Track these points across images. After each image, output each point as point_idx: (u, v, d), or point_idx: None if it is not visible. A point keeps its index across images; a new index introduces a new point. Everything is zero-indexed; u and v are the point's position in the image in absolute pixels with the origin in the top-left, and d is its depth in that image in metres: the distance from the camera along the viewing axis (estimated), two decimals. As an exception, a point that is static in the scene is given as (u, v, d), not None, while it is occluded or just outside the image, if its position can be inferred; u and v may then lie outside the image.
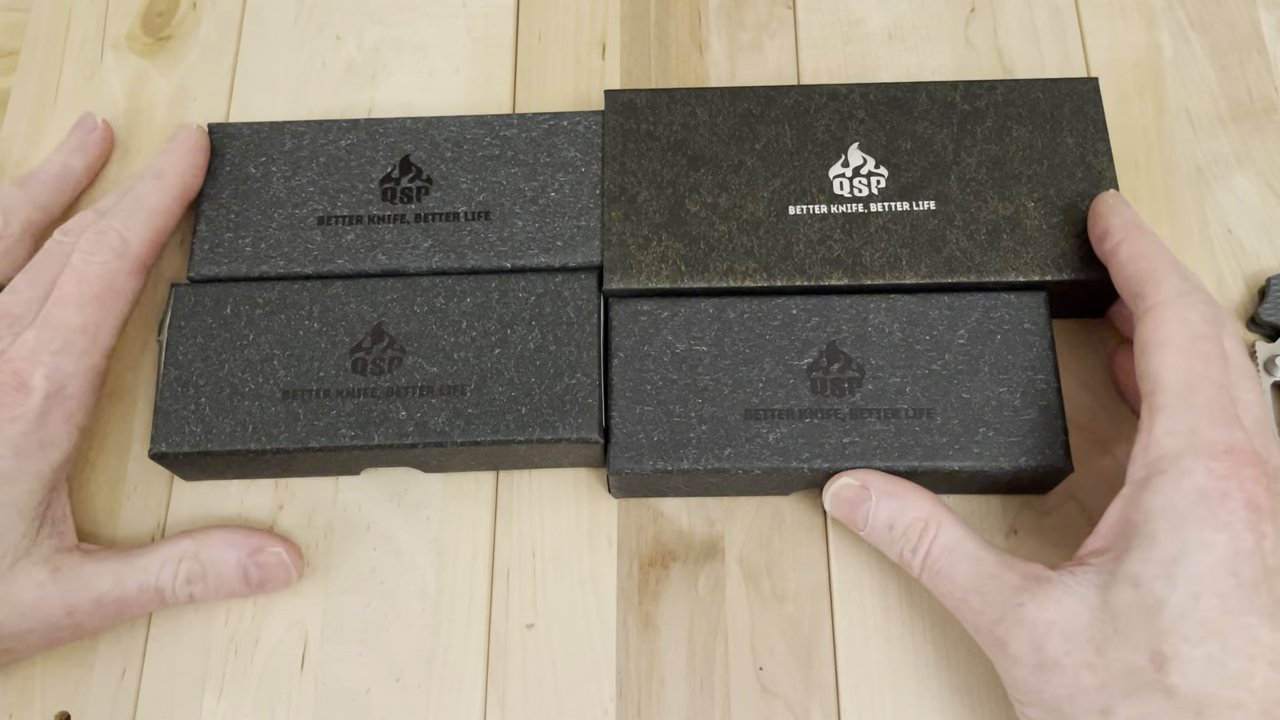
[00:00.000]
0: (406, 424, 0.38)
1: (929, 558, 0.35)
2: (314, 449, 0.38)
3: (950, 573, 0.35)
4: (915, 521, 0.36)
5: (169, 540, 0.38)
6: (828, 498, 0.38)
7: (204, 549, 0.38)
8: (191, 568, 0.37)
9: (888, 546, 0.37)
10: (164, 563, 0.37)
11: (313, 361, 0.39)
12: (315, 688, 0.39)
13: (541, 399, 0.38)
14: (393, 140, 0.43)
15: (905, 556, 0.36)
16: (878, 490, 0.37)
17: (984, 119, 0.41)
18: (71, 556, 0.37)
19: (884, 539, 0.37)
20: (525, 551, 0.41)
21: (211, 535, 0.38)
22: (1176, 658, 0.30)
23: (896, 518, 0.36)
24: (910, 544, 0.36)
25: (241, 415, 0.39)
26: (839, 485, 0.37)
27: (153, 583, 0.37)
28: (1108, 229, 0.38)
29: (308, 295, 0.41)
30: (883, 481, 0.37)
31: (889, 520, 0.36)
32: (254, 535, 0.39)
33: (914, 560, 0.36)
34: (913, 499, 0.36)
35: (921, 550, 0.36)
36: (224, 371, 0.39)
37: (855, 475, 0.37)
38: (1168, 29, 0.48)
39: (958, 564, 0.35)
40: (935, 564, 0.35)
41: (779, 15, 0.49)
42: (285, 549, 0.39)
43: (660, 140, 0.42)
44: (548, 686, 0.39)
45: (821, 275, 0.39)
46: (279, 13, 0.50)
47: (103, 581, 0.36)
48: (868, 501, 0.37)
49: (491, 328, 0.40)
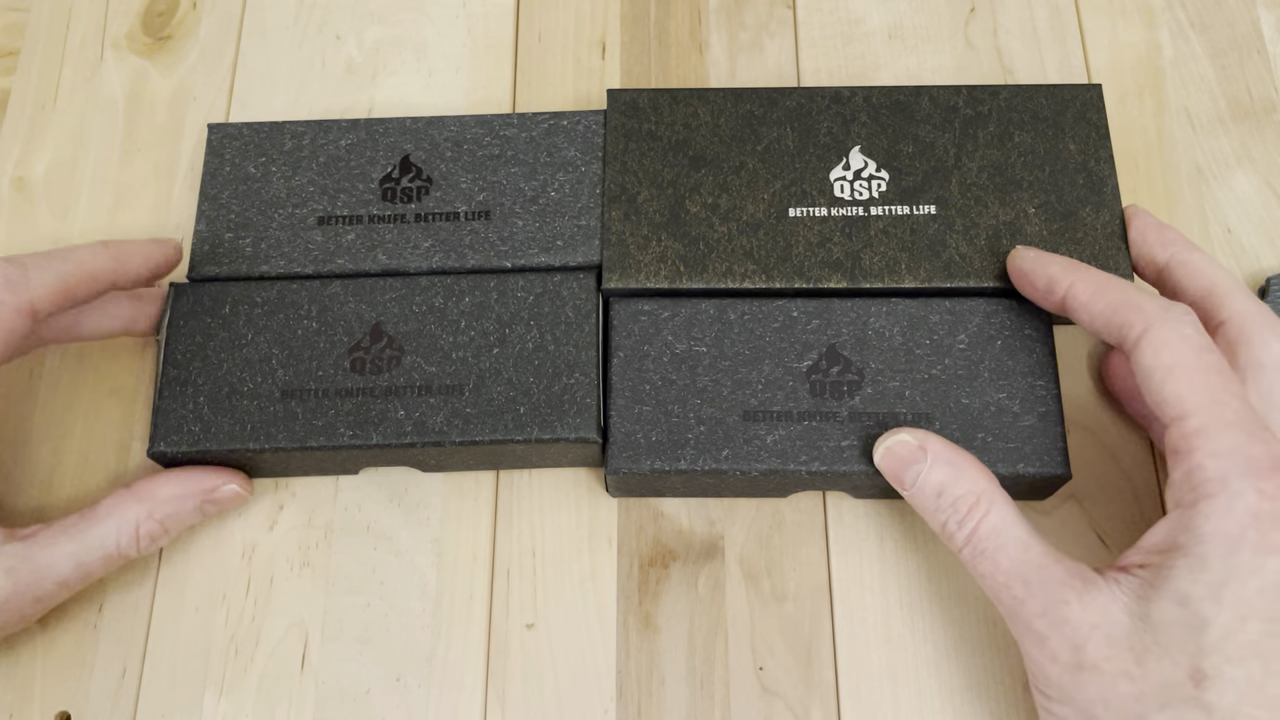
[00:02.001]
0: (405, 423, 0.38)
1: (976, 535, 0.34)
2: (312, 448, 0.38)
3: (996, 555, 0.34)
4: (968, 494, 0.35)
5: (114, 505, 0.37)
6: (880, 451, 0.37)
7: (157, 509, 0.38)
8: (151, 528, 0.38)
9: (931, 514, 0.36)
10: (119, 530, 0.37)
11: (311, 361, 0.39)
12: (315, 688, 0.39)
13: (540, 398, 0.39)
14: (393, 140, 0.43)
15: (950, 528, 0.35)
16: (934, 453, 0.35)
17: (986, 124, 0.41)
18: (18, 550, 0.36)
19: (929, 505, 0.35)
20: (525, 551, 0.41)
21: (158, 491, 0.38)
22: (1217, 676, 0.29)
23: (948, 486, 0.35)
24: (958, 516, 0.35)
25: (240, 415, 0.39)
26: (895, 440, 0.36)
27: (114, 551, 0.37)
28: (1050, 279, 0.37)
29: (306, 295, 0.41)
30: (941, 446, 0.36)
31: (939, 486, 0.35)
32: (201, 477, 0.39)
33: (958, 533, 0.35)
34: (969, 470, 0.35)
35: (969, 525, 0.34)
36: (222, 371, 0.39)
37: (913, 434, 0.36)
38: (1168, 29, 0.48)
39: (1005, 547, 0.34)
40: (981, 543, 0.34)
41: (779, 15, 0.49)
42: (238, 482, 0.39)
43: (661, 140, 0.42)
44: (548, 686, 0.39)
45: (821, 278, 0.39)
46: (279, 13, 0.49)
47: (63, 566, 0.36)
48: (921, 463, 0.35)
49: (490, 327, 0.40)
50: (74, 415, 0.43)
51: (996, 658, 0.38)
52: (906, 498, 0.36)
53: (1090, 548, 0.40)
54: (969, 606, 0.39)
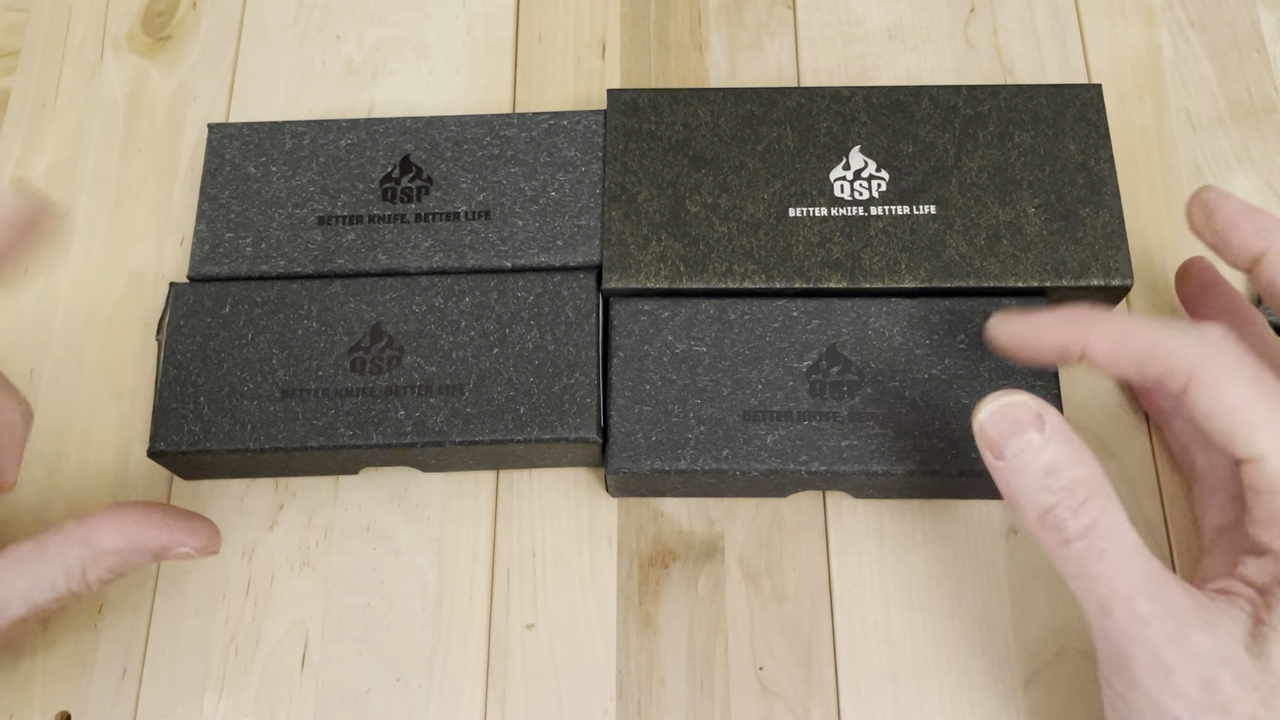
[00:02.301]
0: (405, 423, 0.38)
1: (1095, 530, 0.30)
2: (312, 448, 0.38)
3: (1116, 559, 0.29)
4: (1085, 481, 0.30)
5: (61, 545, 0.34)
6: (987, 409, 0.31)
7: (103, 559, 0.34)
8: (98, 574, 0.34)
9: (1033, 494, 0.31)
10: (69, 575, 0.34)
11: (311, 361, 0.39)
12: (315, 688, 0.39)
13: (540, 398, 0.39)
14: (393, 140, 0.43)
15: (1059, 514, 0.30)
16: (1053, 427, 0.31)
17: (986, 124, 0.41)
18: None
19: (1032, 483, 0.31)
20: (525, 551, 0.41)
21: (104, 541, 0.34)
22: None
23: (1064, 466, 0.30)
24: (1073, 503, 0.30)
25: (240, 414, 0.39)
26: (1011, 400, 0.31)
27: (64, 591, 0.34)
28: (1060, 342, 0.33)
29: (306, 295, 0.41)
30: (1060, 421, 0.31)
31: (1052, 465, 0.30)
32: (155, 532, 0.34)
33: (1071, 522, 0.30)
34: (1088, 457, 0.31)
35: (1087, 516, 0.30)
36: (223, 371, 0.39)
37: (1037, 401, 0.31)
38: (1167, 29, 0.48)
39: (1128, 553, 0.30)
40: (1101, 542, 0.30)
41: (779, 15, 0.49)
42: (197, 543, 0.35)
43: (662, 140, 0.42)
44: (548, 686, 0.39)
45: (821, 278, 0.39)
46: (279, 13, 0.49)
47: (13, 606, 0.34)
48: (1035, 432, 0.31)
49: (490, 327, 0.40)
50: (74, 415, 0.43)
51: (996, 658, 0.38)
52: (1000, 469, 0.31)
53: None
54: (969, 606, 0.39)
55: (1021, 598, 0.39)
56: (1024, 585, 0.39)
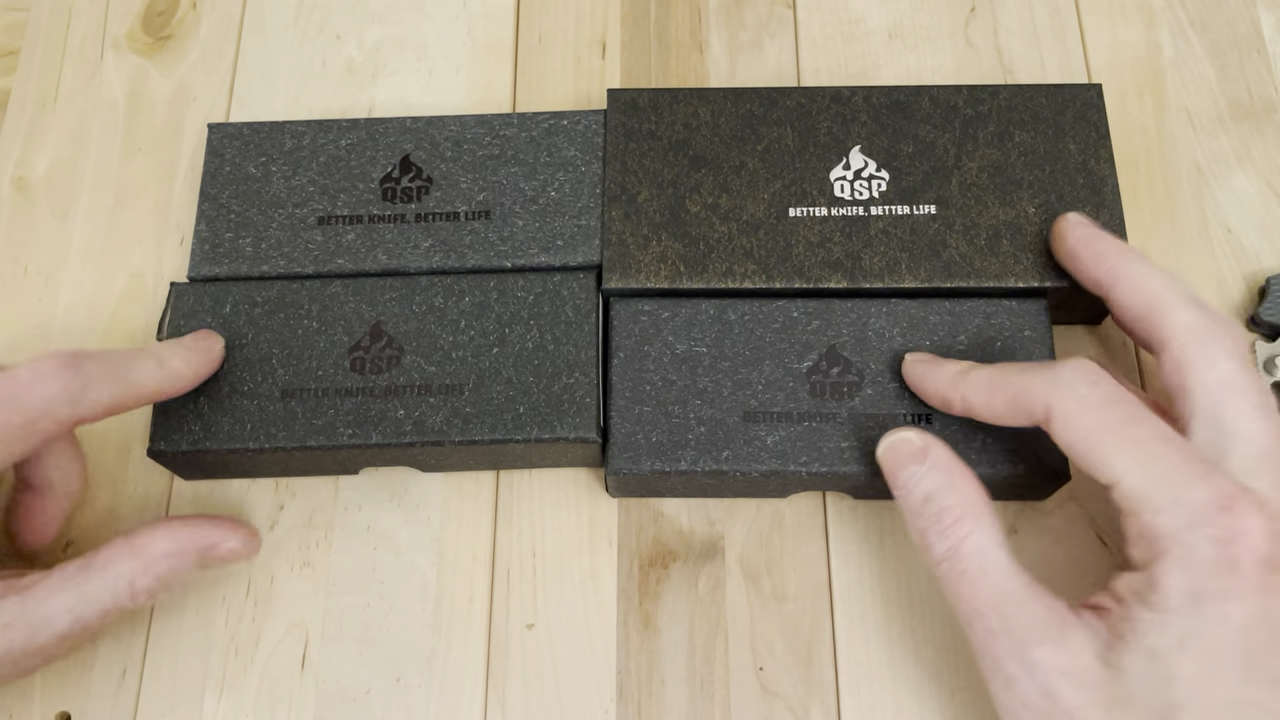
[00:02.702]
0: (404, 423, 0.38)
1: (956, 553, 0.33)
2: (312, 448, 0.38)
3: (975, 579, 0.32)
4: (955, 506, 0.33)
5: (110, 558, 0.35)
6: (883, 445, 0.36)
7: (153, 565, 0.36)
8: (147, 584, 0.35)
9: (914, 519, 0.34)
10: (116, 587, 0.35)
11: (311, 360, 0.39)
12: (315, 688, 0.39)
13: (539, 398, 0.39)
14: (393, 140, 0.43)
15: (929, 538, 0.33)
16: (935, 459, 0.34)
17: (986, 124, 0.41)
18: (14, 604, 0.34)
19: (914, 510, 0.34)
20: (525, 551, 0.41)
21: (154, 547, 0.36)
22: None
23: (937, 494, 0.34)
24: (940, 527, 0.33)
25: (240, 414, 0.39)
26: (899, 437, 0.35)
27: (111, 606, 0.35)
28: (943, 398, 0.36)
29: (306, 295, 0.41)
30: (944, 453, 0.34)
31: (928, 493, 0.34)
32: (200, 533, 0.37)
33: (938, 545, 0.33)
34: (964, 484, 0.34)
35: (950, 539, 0.33)
36: (222, 370, 0.39)
37: (921, 436, 0.35)
38: (1167, 28, 0.48)
39: (987, 573, 0.32)
40: (961, 563, 0.33)
41: (779, 15, 0.49)
42: (240, 540, 0.37)
43: (662, 140, 0.42)
44: (548, 686, 0.39)
45: (821, 278, 0.39)
46: (279, 13, 0.49)
47: (60, 620, 0.34)
48: (919, 465, 0.34)
49: (490, 327, 0.40)
50: (74, 415, 0.43)
51: (996, 658, 0.38)
52: (897, 499, 0.35)
53: (1090, 548, 0.40)
54: (969, 606, 0.39)
55: (1021, 598, 0.39)
56: (1024, 585, 0.39)
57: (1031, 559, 0.40)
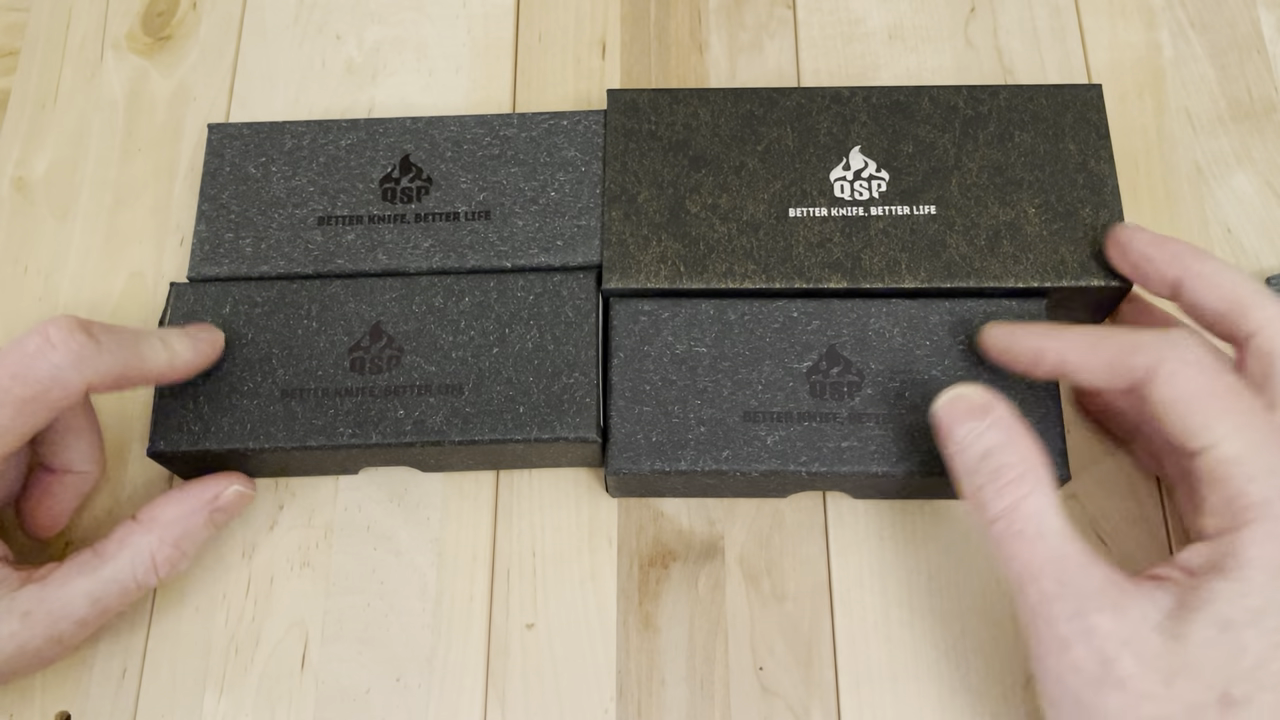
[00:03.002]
0: (404, 423, 0.38)
1: (1014, 511, 0.32)
2: (312, 448, 0.38)
3: (1033, 540, 0.32)
4: (1016, 464, 0.33)
5: (124, 537, 0.36)
6: (943, 399, 0.35)
7: (168, 532, 0.36)
8: (167, 554, 0.36)
9: (969, 475, 0.34)
10: (134, 563, 0.36)
11: (311, 360, 0.39)
12: (315, 688, 0.39)
13: (539, 398, 0.39)
14: (393, 140, 0.43)
15: (985, 495, 0.33)
16: (997, 416, 0.34)
17: (986, 124, 0.41)
18: (33, 593, 0.35)
19: (970, 466, 0.34)
20: (525, 551, 0.41)
21: (163, 515, 0.37)
22: (1247, 702, 0.29)
23: (998, 451, 0.33)
24: (998, 485, 0.33)
25: (240, 414, 0.39)
26: (960, 392, 0.35)
27: (132, 584, 0.36)
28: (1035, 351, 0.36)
29: (306, 295, 0.41)
30: (1006, 412, 0.34)
31: (987, 449, 0.33)
32: (201, 488, 0.38)
33: (994, 503, 0.33)
34: (1025, 444, 0.33)
35: (1008, 498, 0.32)
36: (222, 370, 0.39)
37: (984, 393, 0.34)
38: (1168, 29, 0.48)
39: (1045, 535, 0.32)
40: (1018, 523, 0.32)
41: (779, 15, 0.49)
42: (239, 483, 0.39)
43: (662, 140, 0.42)
44: (548, 686, 0.39)
45: (821, 278, 0.39)
46: (279, 13, 0.49)
47: (79, 606, 0.35)
48: (980, 421, 0.34)
49: (490, 327, 0.40)
50: (74, 415, 0.43)
51: (996, 658, 0.38)
52: (950, 455, 0.35)
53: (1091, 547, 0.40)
54: (969, 606, 0.39)
55: (1021, 598, 0.39)
56: (1024, 585, 0.39)
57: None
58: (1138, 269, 0.37)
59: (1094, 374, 0.34)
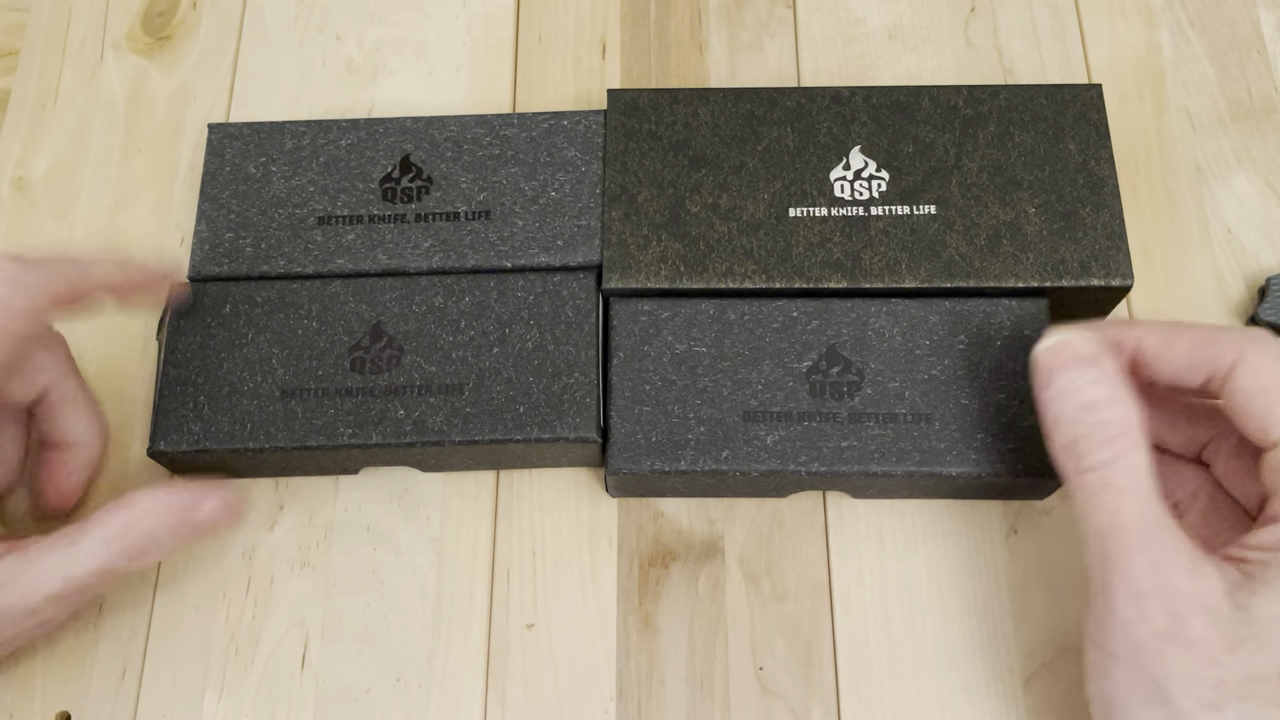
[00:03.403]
0: (404, 423, 0.38)
1: (1113, 467, 0.32)
2: (312, 448, 0.38)
3: (1129, 494, 0.32)
4: (1120, 421, 0.33)
5: (101, 517, 0.36)
6: (1048, 342, 0.34)
7: (138, 522, 0.36)
8: (131, 543, 0.36)
9: (1068, 424, 0.33)
10: (104, 544, 0.35)
11: (311, 360, 0.39)
12: (315, 688, 0.39)
13: (539, 398, 0.39)
14: (393, 140, 0.43)
15: (1083, 446, 0.33)
16: (1106, 368, 0.33)
17: (986, 124, 0.41)
18: (10, 564, 0.35)
19: (1069, 415, 0.33)
20: (525, 551, 0.41)
21: (138, 506, 0.36)
22: None
23: (1104, 404, 0.33)
24: (1100, 438, 0.32)
25: (240, 414, 0.39)
26: (1067, 338, 0.34)
27: (98, 566, 0.36)
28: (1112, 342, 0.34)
29: (306, 294, 0.41)
30: (1114, 366, 0.33)
31: (1093, 400, 0.33)
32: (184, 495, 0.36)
33: (1092, 454, 0.33)
34: (1129, 402, 0.33)
35: (1109, 452, 0.32)
36: (223, 370, 0.39)
37: (1094, 343, 0.34)
38: (1168, 29, 0.48)
39: (1141, 492, 0.32)
40: (1116, 478, 0.32)
41: (779, 15, 0.49)
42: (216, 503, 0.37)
43: (662, 140, 0.42)
44: (548, 686, 0.39)
45: (821, 278, 0.39)
46: (279, 13, 0.49)
47: (51, 580, 0.35)
48: (1086, 370, 0.33)
49: (490, 327, 0.40)
50: (74, 415, 0.43)
51: (996, 658, 0.38)
52: (1044, 399, 0.34)
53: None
54: (969, 606, 0.39)
55: (1021, 598, 0.39)
56: (1024, 585, 0.39)
57: (1031, 559, 0.40)
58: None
59: (1173, 366, 0.34)
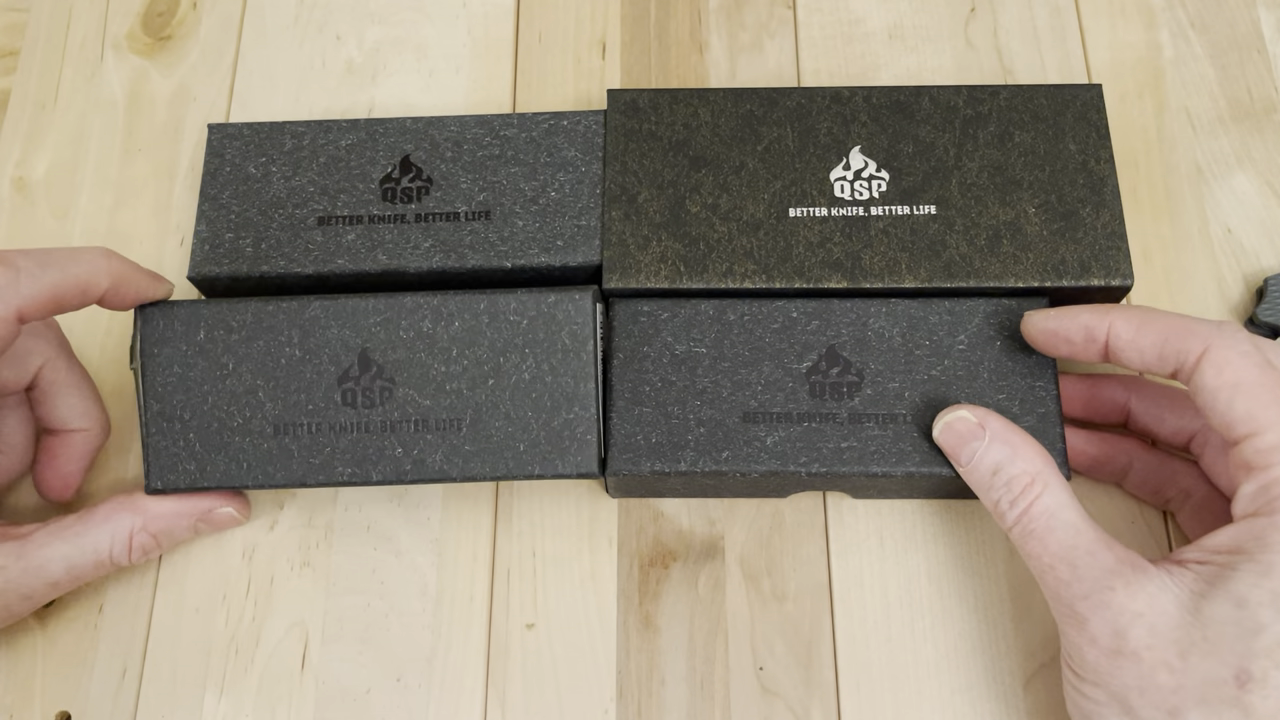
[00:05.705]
0: (404, 461, 0.37)
1: (1027, 516, 0.34)
2: (311, 486, 0.38)
3: (1045, 536, 0.34)
4: (1023, 474, 0.35)
5: (110, 512, 0.37)
6: (939, 426, 0.37)
7: (152, 522, 0.38)
8: (143, 540, 0.38)
9: (985, 491, 0.36)
10: (113, 538, 0.37)
11: (299, 393, 0.38)
12: (315, 688, 0.39)
13: (539, 434, 0.38)
14: (393, 140, 0.43)
15: (1001, 507, 0.35)
16: (993, 431, 0.36)
17: (986, 124, 0.41)
18: (12, 549, 0.36)
19: (984, 483, 0.36)
20: (525, 551, 0.41)
21: (154, 506, 0.38)
22: (1263, 680, 0.30)
23: (1004, 465, 0.35)
24: (1011, 496, 0.35)
25: (234, 452, 0.38)
26: (955, 417, 0.37)
27: (106, 558, 0.37)
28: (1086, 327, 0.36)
29: (285, 318, 0.38)
30: (1000, 424, 0.36)
31: (995, 465, 0.35)
32: (199, 499, 0.39)
33: (1010, 512, 0.35)
34: (1026, 450, 0.35)
35: (1021, 505, 0.34)
36: (208, 405, 0.38)
37: (974, 411, 0.36)
38: (1168, 29, 0.48)
39: (1055, 530, 0.34)
40: (1031, 524, 0.34)
41: (779, 15, 0.49)
42: (234, 506, 0.40)
43: (662, 140, 0.42)
44: (548, 686, 0.39)
45: (821, 278, 0.39)
46: (279, 13, 0.50)
47: (54, 568, 0.36)
48: (979, 440, 0.36)
49: (484, 355, 0.38)
50: (74, 415, 0.43)
51: (996, 658, 0.39)
52: (963, 474, 0.36)
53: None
54: (969, 606, 0.39)
55: (1021, 598, 0.39)
56: (1024, 585, 0.39)
57: (1031, 559, 0.40)
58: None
59: (1143, 354, 0.35)
